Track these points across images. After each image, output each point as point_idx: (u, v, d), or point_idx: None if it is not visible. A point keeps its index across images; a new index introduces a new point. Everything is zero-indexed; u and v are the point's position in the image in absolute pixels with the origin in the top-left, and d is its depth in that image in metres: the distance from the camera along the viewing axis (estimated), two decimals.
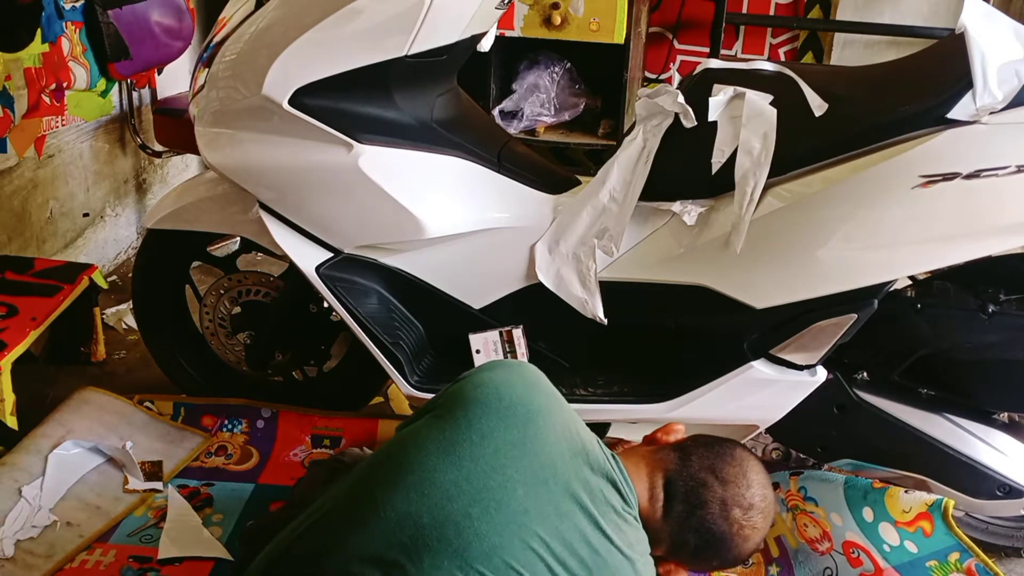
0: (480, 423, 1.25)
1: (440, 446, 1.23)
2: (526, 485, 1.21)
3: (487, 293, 1.83)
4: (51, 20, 2.40)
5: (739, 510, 1.33)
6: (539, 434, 1.26)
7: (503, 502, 1.19)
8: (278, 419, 2.05)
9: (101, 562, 1.65)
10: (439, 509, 1.17)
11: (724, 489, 1.33)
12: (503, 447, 1.23)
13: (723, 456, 1.37)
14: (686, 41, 3.95)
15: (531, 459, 1.23)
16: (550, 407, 1.31)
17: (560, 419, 1.31)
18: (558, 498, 1.22)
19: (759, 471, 1.39)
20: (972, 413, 1.72)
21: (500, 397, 1.28)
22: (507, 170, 1.81)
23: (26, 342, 1.99)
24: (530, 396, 1.30)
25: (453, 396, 1.32)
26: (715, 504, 1.32)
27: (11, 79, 2.32)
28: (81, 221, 2.86)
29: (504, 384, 1.31)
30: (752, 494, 1.34)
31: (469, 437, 1.24)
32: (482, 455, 1.22)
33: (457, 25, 1.67)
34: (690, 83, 1.72)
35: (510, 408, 1.27)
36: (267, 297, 2.02)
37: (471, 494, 1.19)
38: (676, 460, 1.37)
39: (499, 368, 1.36)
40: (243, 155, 1.73)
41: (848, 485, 1.68)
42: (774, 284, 1.64)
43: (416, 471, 1.21)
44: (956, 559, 1.57)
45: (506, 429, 1.25)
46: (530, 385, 1.33)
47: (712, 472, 1.34)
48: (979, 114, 1.49)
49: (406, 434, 1.32)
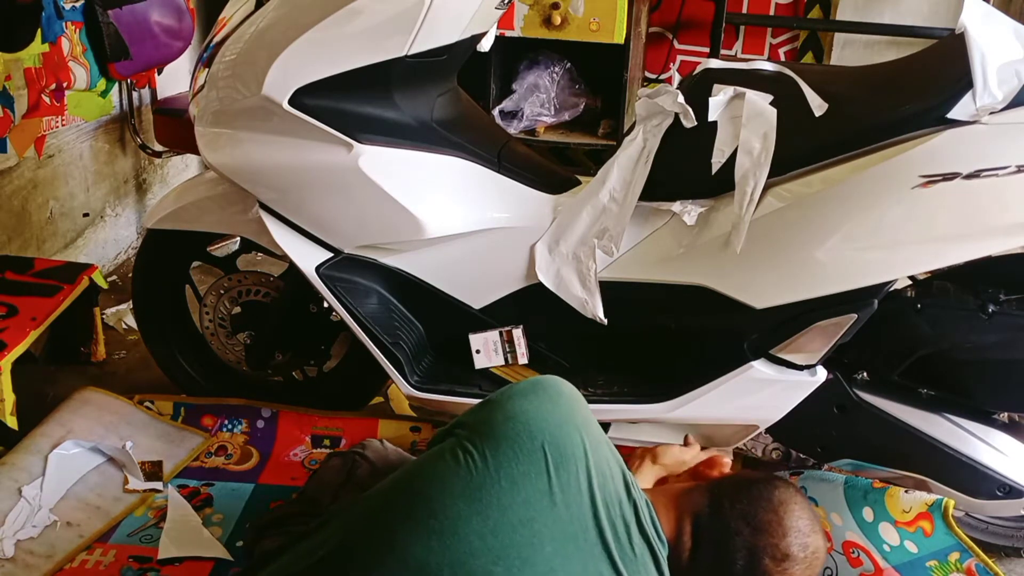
0: (510, 467, 1.15)
1: (466, 491, 1.14)
2: (554, 541, 1.12)
3: (487, 293, 1.83)
4: (51, 20, 2.41)
5: (771, 561, 1.22)
6: (570, 481, 1.16)
7: (528, 560, 1.11)
8: (278, 419, 2.05)
9: (101, 562, 1.65)
10: (461, 565, 1.09)
11: (755, 538, 1.23)
12: (532, 498, 1.14)
13: (759, 500, 1.26)
14: (686, 41, 3.94)
15: (561, 511, 1.14)
16: (584, 446, 1.20)
17: (594, 462, 1.19)
18: (587, 556, 1.14)
19: (802, 516, 1.26)
20: (972, 413, 1.71)
21: (532, 436, 1.18)
22: (507, 170, 1.81)
23: (26, 342, 1.99)
24: (565, 434, 1.19)
25: (482, 425, 1.22)
26: (742, 554, 1.22)
27: (11, 79, 2.32)
28: (81, 221, 2.86)
29: (537, 419, 1.20)
30: (788, 543, 1.23)
31: (498, 483, 1.14)
32: (510, 505, 1.13)
33: (457, 25, 1.67)
34: (690, 83, 1.72)
35: (542, 451, 1.17)
36: (267, 297, 2.02)
37: (497, 550, 1.10)
38: (708, 503, 1.27)
39: (532, 395, 1.24)
40: (243, 155, 1.73)
41: (848, 485, 1.68)
42: (774, 284, 1.64)
43: (439, 516, 1.13)
44: (956, 559, 1.57)
45: (536, 477, 1.15)
46: (564, 419, 1.21)
47: (744, 519, 1.24)
48: (979, 114, 1.49)
49: (427, 463, 1.23)
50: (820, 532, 1.28)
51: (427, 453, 1.27)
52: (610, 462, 1.23)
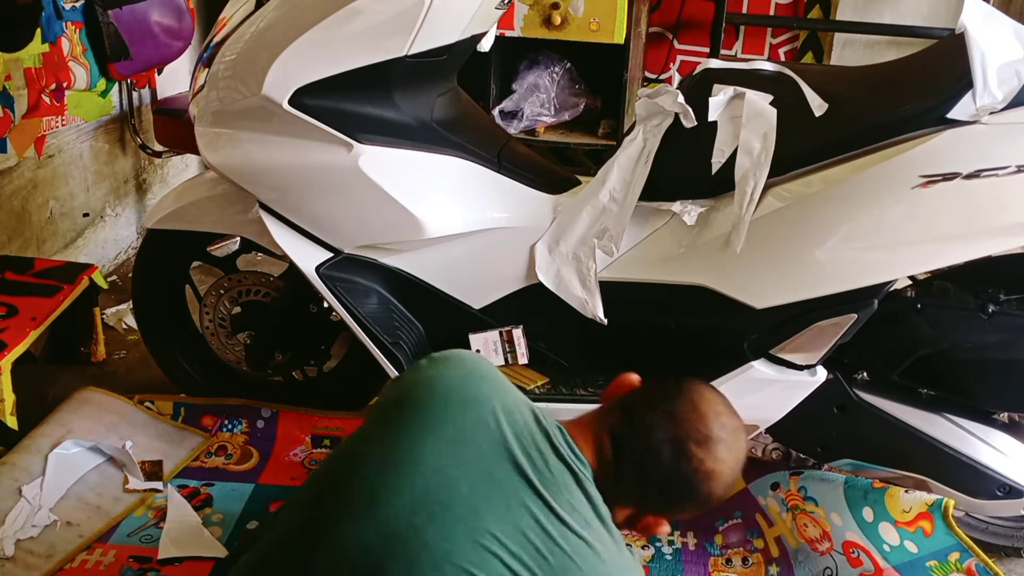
0: (414, 427, 1.19)
1: (378, 461, 1.18)
2: (470, 481, 1.15)
3: (487, 293, 1.83)
4: (51, 20, 2.41)
5: (694, 444, 1.24)
6: (478, 423, 1.20)
7: (448, 504, 1.13)
8: (278, 419, 2.05)
9: (101, 562, 1.65)
10: (384, 525, 1.12)
11: (675, 429, 1.24)
12: (442, 446, 1.17)
13: (669, 397, 1.28)
14: (686, 41, 3.95)
15: (472, 451, 1.17)
16: (487, 391, 1.24)
17: (501, 401, 1.23)
18: (507, 489, 1.16)
19: (717, 402, 1.29)
20: (972, 413, 1.72)
21: (432, 393, 1.22)
22: (507, 170, 1.81)
23: (26, 342, 1.99)
24: (464, 385, 1.24)
25: (388, 400, 1.28)
26: (667, 446, 1.24)
27: (11, 79, 2.32)
28: (81, 221, 2.86)
29: (438, 379, 1.25)
30: (708, 426, 1.25)
31: (403, 443, 1.18)
32: (421, 458, 1.16)
33: (457, 25, 1.67)
34: (690, 83, 1.72)
35: (444, 402, 1.21)
36: (267, 297, 2.02)
37: (415, 502, 1.13)
38: (620, 412, 1.30)
39: (431, 365, 1.29)
40: (243, 155, 1.73)
41: (848, 485, 1.68)
42: (774, 284, 1.64)
43: (357, 496, 1.16)
44: (956, 559, 1.57)
45: (442, 425, 1.19)
46: (466, 375, 1.26)
47: (660, 415, 1.26)
48: (979, 114, 1.49)
49: (345, 452, 1.27)
50: (735, 413, 1.31)
51: (343, 444, 1.32)
52: (516, 402, 1.26)
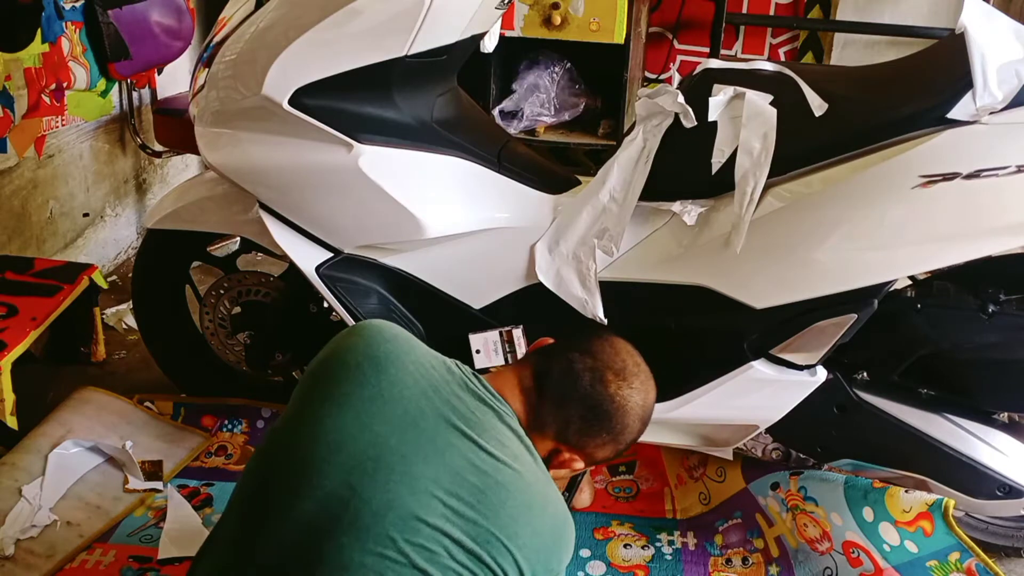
0: (332, 393, 1.24)
1: (308, 437, 1.21)
2: (397, 433, 1.20)
3: (487, 293, 1.83)
4: (51, 20, 2.41)
5: (611, 373, 1.36)
6: (394, 379, 1.25)
7: (379, 458, 1.18)
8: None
9: (101, 562, 1.65)
10: (322, 492, 1.16)
11: (593, 359, 1.36)
12: (362, 406, 1.22)
13: (584, 339, 1.41)
14: (686, 41, 3.95)
15: (393, 406, 1.22)
16: (398, 350, 1.29)
17: (412, 357, 1.29)
18: (433, 434, 1.21)
19: (624, 344, 1.42)
20: (972, 413, 1.71)
21: (344, 362, 1.27)
22: (507, 170, 1.81)
23: (26, 342, 1.99)
24: (374, 347, 1.29)
25: (303, 380, 1.32)
26: (587, 372, 1.35)
27: (11, 79, 2.32)
28: (81, 221, 2.86)
29: (345, 349, 1.30)
30: (623, 360, 1.38)
31: (327, 411, 1.22)
32: (343, 422, 1.20)
33: (457, 25, 1.67)
34: (690, 83, 1.72)
35: (357, 367, 1.25)
36: (267, 297, 2.02)
37: (347, 464, 1.17)
38: (540, 354, 1.42)
39: (336, 340, 1.34)
40: (243, 155, 1.73)
41: (848, 485, 1.68)
42: (774, 284, 1.64)
43: (292, 471, 1.19)
44: (956, 559, 1.57)
45: (359, 387, 1.23)
46: (371, 338, 1.31)
47: (578, 350, 1.38)
48: (979, 114, 1.49)
49: (276, 438, 1.30)
50: (639, 355, 1.42)
51: (268, 432, 1.37)
52: (426, 354, 1.33)
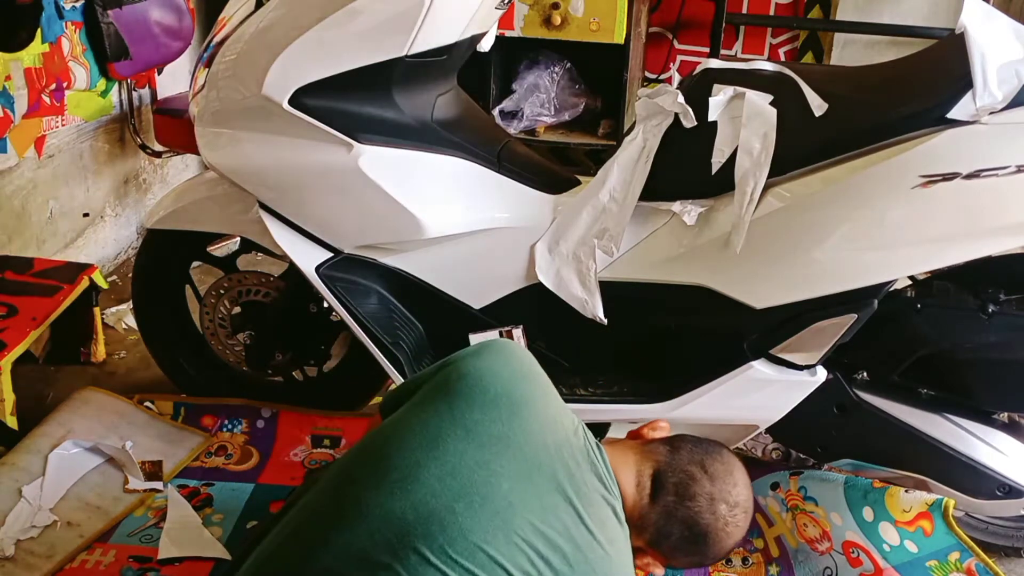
0: (465, 418, 1.25)
1: (423, 441, 1.24)
2: (511, 479, 1.21)
3: (487, 293, 1.83)
4: (51, 20, 2.41)
5: (725, 506, 1.36)
6: (524, 426, 1.27)
7: (488, 497, 1.19)
8: (278, 419, 2.05)
9: (101, 562, 1.65)
10: (423, 505, 1.17)
11: (712, 484, 1.36)
12: (488, 442, 1.24)
13: (711, 454, 1.41)
14: (686, 41, 3.95)
15: (516, 452, 1.24)
16: (535, 396, 1.32)
17: (545, 410, 1.31)
18: (543, 491, 1.23)
19: (743, 473, 1.43)
20: (972, 413, 1.71)
21: (485, 390, 1.29)
22: (507, 170, 1.81)
23: (26, 342, 1.99)
24: (515, 386, 1.31)
25: (437, 385, 1.33)
26: (703, 498, 1.35)
27: (11, 79, 2.32)
28: (81, 221, 2.85)
29: (489, 374, 1.31)
30: (738, 492, 1.38)
31: (454, 432, 1.24)
32: (467, 450, 1.22)
33: (457, 25, 1.67)
34: (690, 83, 1.72)
35: (495, 401, 1.27)
36: (267, 297, 2.02)
37: (456, 489, 1.19)
38: (665, 453, 1.40)
39: (485, 354, 1.36)
40: (243, 155, 1.73)
41: (848, 485, 1.68)
42: (774, 284, 1.64)
43: (399, 468, 1.21)
44: (956, 559, 1.57)
45: (491, 423, 1.25)
46: (516, 373, 1.33)
47: (701, 467, 1.38)
48: (979, 114, 1.48)
49: (388, 427, 1.32)
50: (751, 488, 1.44)
51: (387, 421, 1.35)
52: (561, 411, 1.35)
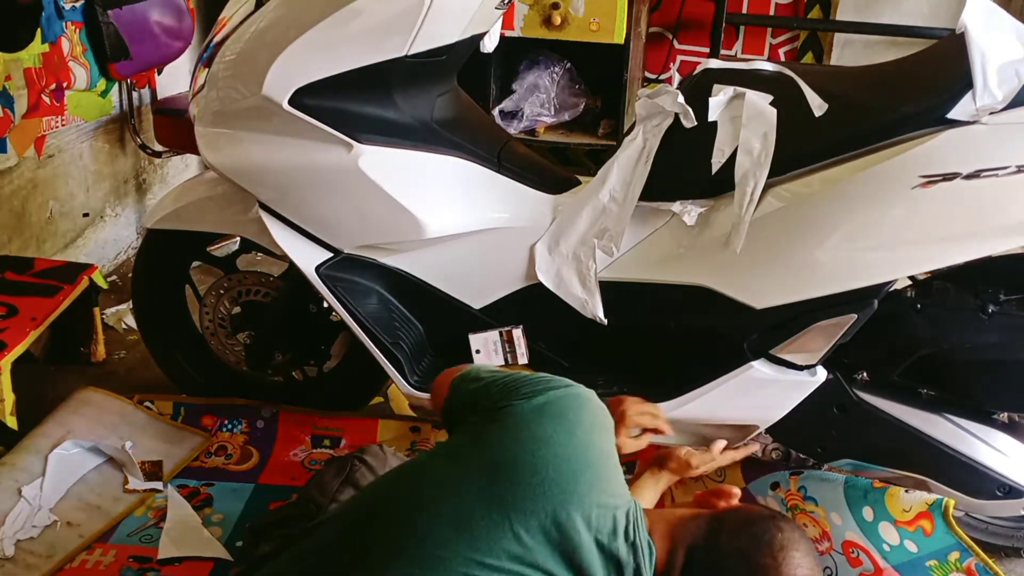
0: (504, 498, 1.12)
1: (453, 517, 1.13)
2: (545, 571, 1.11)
3: (487, 293, 1.83)
4: (51, 20, 2.40)
5: None
6: (569, 519, 1.13)
7: None
8: (278, 419, 2.05)
9: (101, 562, 1.65)
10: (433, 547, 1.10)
11: (748, 567, 1.15)
12: (523, 532, 1.11)
13: (759, 541, 1.17)
14: (686, 41, 3.94)
15: (554, 549, 1.12)
16: (590, 484, 1.16)
17: (594, 498, 1.15)
18: None
19: (802, 564, 1.15)
20: (972, 413, 1.71)
21: (535, 470, 1.14)
22: (507, 170, 1.81)
23: (26, 342, 1.99)
24: (569, 471, 1.15)
25: (482, 443, 1.20)
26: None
27: (11, 79, 2.32)
28: (81, 221, 2.85)
29: (546, 452, 1.16)
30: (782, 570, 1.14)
31: (489, 516, 1.12)
32: (502, 537, 1.11)
33: (457, 25, 1.67)
34: (690, 83, 1.72)
35: (539, 487, 1.13)
36: (267, 297, 2.02)
37: (467, 549, 1.10)
38: (705, 534, 1.19)
39: (550, 418, 1.20)
40: (243, 155, 1.73)
41: (848, 485, 1.68)
42: (774, 284, 1.64)
43: (424, 544, 1.12)
44: (956, 558, 1.57)
45: (532, 514, 1.12)
46: (574, 453, 1.17)
47: (740, 557, 1.16)
48: (979, 114, 1.49)
49: (426, 476, 1.21)
50: (816, 570, 1.18)
51: (427, 456, 1.27)
52: (614, 495, 1.19)
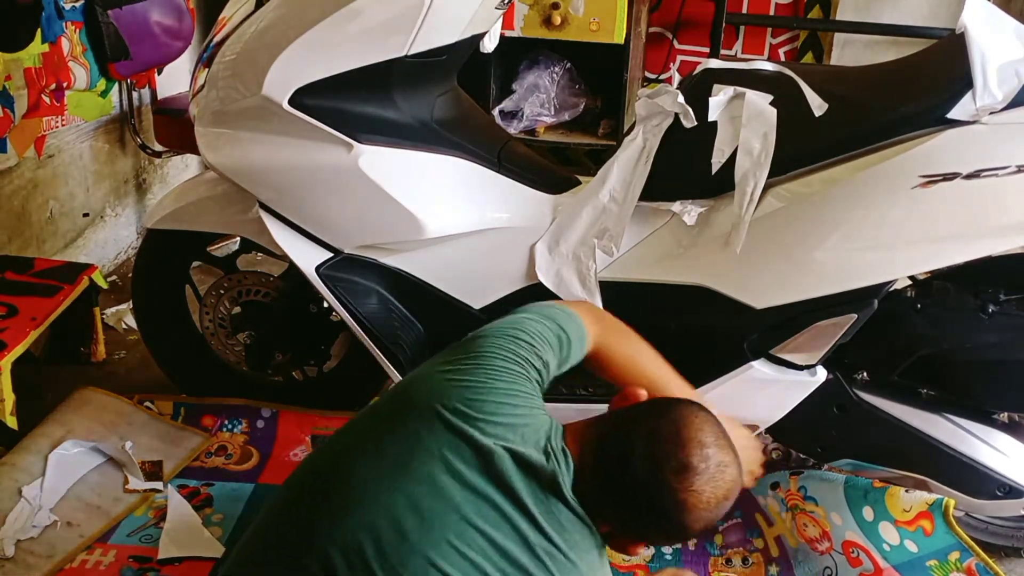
0: (410, 428, 1.20)
1: (370, 454, 1.20)
2: (461, 491, 1.15)
3: (487, 293, 1.83)
4: (51, 20, 2.40)
5: (671, 473, 1.14)
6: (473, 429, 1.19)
7: (439, 512, 1.14)
8: (278, 419, 2.05)
9: (101, 562, 1.65)
10: (373, 525, 1.13)
11: (654, 447, 1.16)
12: (433, 451, 1.17)
13: (660, 414, 1.20)
14: (686, 41, 3.94)
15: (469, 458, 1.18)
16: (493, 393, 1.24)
17: (501, 402, 1.22)
18: (496, 499, 1.15)
19: (703, 428, 1.18)
20: (972, 413, 1.71)
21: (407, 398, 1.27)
22: (507, 170, 1.81)
23: (26, 342, 1.99)
24: None
25: (395, 393, 1.33)
26: (644, 464, 1.15)
27: (11, 79, 2.32)
28: (81, 221, 2.85)
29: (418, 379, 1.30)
30: (688, 453, 1.15)
31: (401, 444, 1.19)
32: (412, 462, 1.17)
33: (457, 25, 1.67)
34: (690, 83, 1.72)
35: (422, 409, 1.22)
36: (267, 297, 2.02)
37: (405, 506, 1.14)
38: (611, 422, 1.24)
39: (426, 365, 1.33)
40: (243, 155, 1.73)
41: (848, 485, 1.68)
42: (774, 284, 1.64)
43: (346, 482, 1.18)
44: (956, 558, 1.57)
45: (432, 434, 1.19)
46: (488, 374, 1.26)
47: (646, 431, 1.18)
48: (979, 114, 1.49)
49: (342, 431, 1.32)
50: (728, 447, 1.19)
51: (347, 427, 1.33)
52: (515, 399, 1.25)
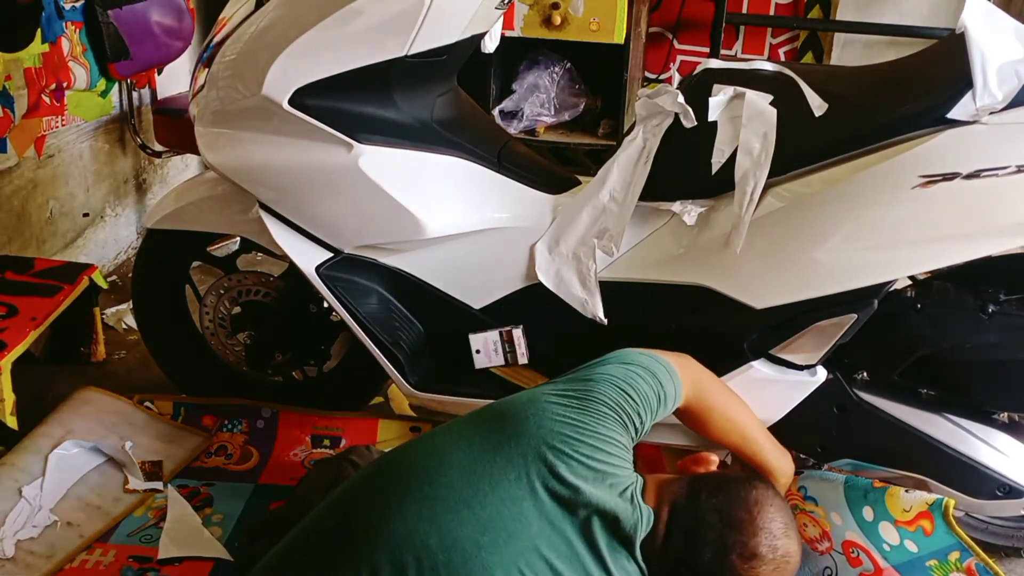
0: (508, 448, 1.20)
1: (462, 463, 1.20)
2: (541, 520, 1.17)
3: (487, 293, 1.83)
4: (51, 20, 2.40)
5: (738, 558, 1.22)
6: None
7: (514, 534, 1.15)
8: (278, 419, 2.05)
9: (101, 562, 1.65)
10: (448, 532, 1.14)
11: (725, 533, 1.23)
12: (524, 477, 1.18)
13: (735, 497, 1.27)
14: (686, 41, 3.95)
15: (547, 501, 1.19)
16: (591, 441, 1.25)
17: (599, 448, 1.24)
18: (572, 537, 1.18)
19: (776, 518, 1.26)
20: (972, 413, 1.71)
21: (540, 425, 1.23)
22: (507, 170, 1.81)
23: (26, 342, 1.99)
24: None
25: (500, 409, 1.29)
26: (712, 546, 1.23)
27: (11, 79, 2.32)
28: (81, 221, 2.86)
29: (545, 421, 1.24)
30: (757, 543, 1.23)
31: (494, 459, 1.19)
32: (502, 481, 1.18)
33: (457, 25, 1.67)
34: (690, 83, 1.72)
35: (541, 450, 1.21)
36: (267, 297, 2.02)
37: (484, 521, 1.15)
38: (687, 494, 1.29)
39: (565, 395, 1.29)
40: (243, 155, 1.73)
41: (848, 484, 1.68)
42: (774, 284, 1.64)
43: (432, 484, 1.18)
44: (956, 558, 1.57)
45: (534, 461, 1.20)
46: None
47: (717, 512, 1.25)
48: (979, 114, 1.49)
49: (428, 437, 1.30)
50: (795, 537, 1.27)
51: (437, 429, 1.32)
52: (609, 450, 1.26)
